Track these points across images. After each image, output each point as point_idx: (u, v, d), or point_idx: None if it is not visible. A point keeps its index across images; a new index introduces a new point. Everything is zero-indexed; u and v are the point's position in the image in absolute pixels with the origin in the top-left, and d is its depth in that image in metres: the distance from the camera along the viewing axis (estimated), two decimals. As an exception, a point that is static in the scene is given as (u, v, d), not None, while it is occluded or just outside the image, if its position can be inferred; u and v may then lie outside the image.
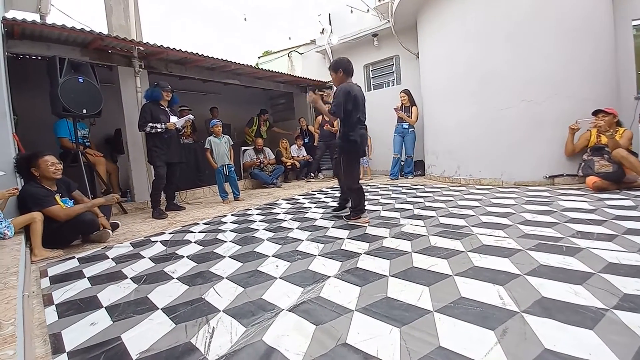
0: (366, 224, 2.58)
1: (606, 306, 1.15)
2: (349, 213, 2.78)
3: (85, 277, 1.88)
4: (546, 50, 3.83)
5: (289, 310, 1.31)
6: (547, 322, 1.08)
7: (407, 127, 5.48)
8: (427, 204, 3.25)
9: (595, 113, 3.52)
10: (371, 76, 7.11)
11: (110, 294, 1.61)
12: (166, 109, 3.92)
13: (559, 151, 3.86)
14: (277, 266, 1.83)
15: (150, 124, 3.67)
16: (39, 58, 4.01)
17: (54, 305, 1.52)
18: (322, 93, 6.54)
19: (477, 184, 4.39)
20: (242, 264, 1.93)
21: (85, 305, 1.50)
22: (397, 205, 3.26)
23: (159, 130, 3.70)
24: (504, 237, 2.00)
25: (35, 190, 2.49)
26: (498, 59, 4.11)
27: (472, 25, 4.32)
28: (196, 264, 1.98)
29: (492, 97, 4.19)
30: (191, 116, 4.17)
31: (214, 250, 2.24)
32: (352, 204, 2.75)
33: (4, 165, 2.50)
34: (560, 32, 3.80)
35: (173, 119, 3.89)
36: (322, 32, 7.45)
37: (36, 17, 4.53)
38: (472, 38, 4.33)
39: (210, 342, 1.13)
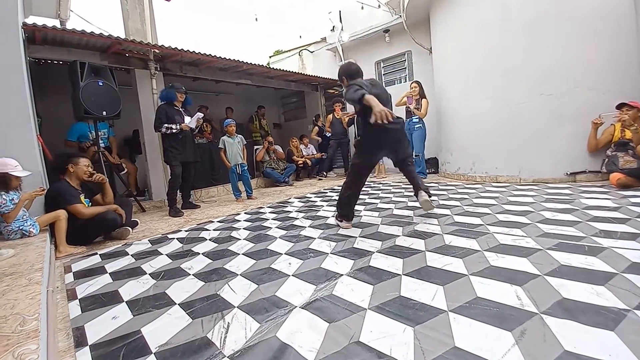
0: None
1: (628, 307, 1.10)
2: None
3: (107, 272, 1.96)
4: (565, 41, 3.69)
5: (302, 308, 1.32)
6: (568, 323, 1.05)
7: (415, 122, 5.20)
8: (441, 202, 3.19)
9: (619, 106, 3.38)
10: (383, 73, 7.03)
11: (130, 289, 1.67)
12: (180, 109, 4.02)
13: (580, 147, 3.71)
14: (289, 264, 1.85)
15: (166, 125, 3.77)
16: (61, 63, 4.17)
17: (77, 300, 1.58)
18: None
19: (493, 181, 4.28)
20: (255, 261, 1.95)
21: (107, 299, 1.57)
22: (410, 204, 3.23)
23: (174, 130, 3.79)
24: (522, 236, 1.95)
25: (65, 188, 2.64)
26: (515, 51, 3.98)
27: (487, 17, 4.20)
28: (211, 261, 2.02)
29: (509, 91, 4.07)
30: (199, 114, 4.17)
31: (228, 248, 2.28)
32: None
33: (29, 166, 2.62)
34: (579, 21, 3.65)
35: (187, 119, 3.98)
36: (332, 30, 7.42)
37: (56, 23, 4.70)
38: (487, 30, 4.22)
39: (225, 337, 1.16)
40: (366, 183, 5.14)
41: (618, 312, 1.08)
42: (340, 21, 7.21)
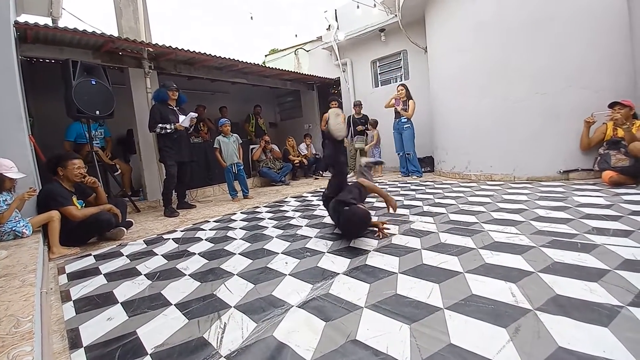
0: None
1: (621, 303, 1.12)
2: None
3: (101, 273, 1.94)
4: (560, 41, 3.73)
5: (299, 307, 1.32)
6: (562, 319, 1.07)
7: (404, 122, 5.34)
8: (437, 200, 3.21)
9: (612, 105, 3.42)
10: (379, 72, 7.05)
11: (125, 290, 1.65)
12: (175, 108, 3.97)
13: (574, 145, 3.76)
14: (286, 263, 1.85)
15: (160, 125, 3.74)
16: (53, 61, 4.12)
17: (71, 301, 1.57)
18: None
19: (488, 179, 4.32)
20: (252, 260, 1.95)
21: (102, 301, 1.55)
22: (405, 202, 3.24)
23: (168, 130, 3.76)
24: (517, 233, 1.97)
25: (57, 190, 2.59)
26: (510, 50, 4.01)
27: (482, 16, 4.23)
28: (207, 261, 2.02)
29: (504, 90, 4.11)
30: (192, 114, 4.04)
31: (225, 248, 2.27)
32: None
33: (21, 166, 2.57)
34: (574, 21, 3.69)
35: (181, 118, 3.92)
36: (328, 29, 7.41)
37: (48, 21, 4.64)
38: (482, 29, 4.24)
39: (222, 337, 1.15)
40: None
41: (611, 308, 1.10)
42: (336, 20, 7.21)
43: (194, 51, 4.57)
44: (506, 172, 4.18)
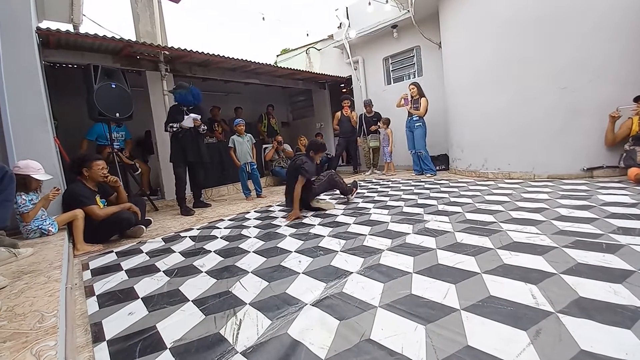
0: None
1: (648, 306, 1.07)
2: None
3: (122, 269, 2.01)
4: (581, 35, 3.57)
5: (313, 305, 1.33)
6: (584, 322, 1.03)
7: (415, 120, 5.25)
8: (452, 199, 3.15)
9: (637, 99, 3.26)
10: (391, 69, 6.95)
11: (145, 286, 1.71)
12: (182, 108, 3.97)
13: (598, 141, 3.60)
14: (299, 262, 1.86)
15: (170, 124, 3.88)
16: (75, 66, 4.27)
17: (95, 296, 1.63)
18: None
19: (506, 177, 4.20)
20: (266, 259, 1.97)
21: (123, 296, 1.61)
22: (420, 201, 3.19)
23: (174, 129, 3.87)
24: (537, 233, 1.91)
25: (80, 190, 2.70)
26: (528, 44, 3.88)
27: (499, 10, 4.10)
28: (223, 259, 2.06)
29: (523, 86, 3.97)
30: (194, 115, 3.93)
31: (239, 246, 2.31)
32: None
33: (46, 167, 2.68)
34: (596, 12, 3.52)
35: (185, 118, 3.92)
36: (339, 27, 7.37)
37: (69, 27, 4.81)
38: (499, 23, 4.12)
39: (237, 333, 1.17)
40: (375, 180, 5.16)
41: (635, 310, 1.05)
42: (347, 18, 7.15)
43: (208, 53, 4.65)
44: (525, 170, 4.05)
